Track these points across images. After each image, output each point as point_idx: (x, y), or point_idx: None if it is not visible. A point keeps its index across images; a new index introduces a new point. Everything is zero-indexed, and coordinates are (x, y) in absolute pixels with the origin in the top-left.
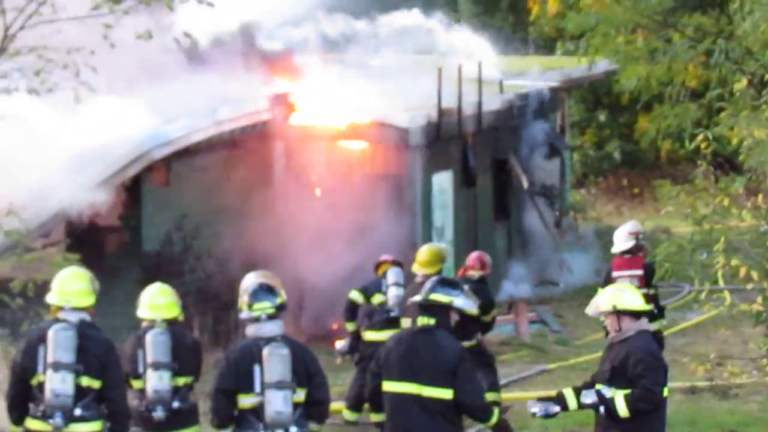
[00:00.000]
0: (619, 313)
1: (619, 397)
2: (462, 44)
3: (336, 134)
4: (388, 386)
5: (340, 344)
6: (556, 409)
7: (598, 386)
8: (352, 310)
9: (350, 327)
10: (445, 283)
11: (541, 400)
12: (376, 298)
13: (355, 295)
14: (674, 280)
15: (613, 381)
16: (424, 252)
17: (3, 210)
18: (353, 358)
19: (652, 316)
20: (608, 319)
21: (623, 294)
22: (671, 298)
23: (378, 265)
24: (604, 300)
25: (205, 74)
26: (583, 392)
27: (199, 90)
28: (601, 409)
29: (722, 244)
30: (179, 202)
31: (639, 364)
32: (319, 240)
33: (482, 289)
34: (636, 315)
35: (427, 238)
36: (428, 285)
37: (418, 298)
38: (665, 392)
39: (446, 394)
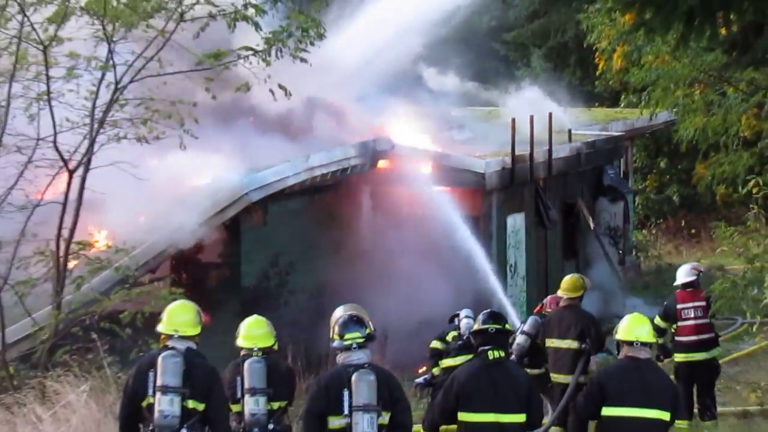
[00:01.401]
0: (618, 343)
1: None
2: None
3: (419, 178)
4: (466, 417)
5: (419, 379)
6: None
7: None
8: (434, 357)
9: (436, 371)
10: (502, 317)
11: None
12: (450, 335)
13: (436, 344)
14: (728, 313)
15: None
16: (567, 280)
17: (113, 248)
18: (428, 392)
19: (710, 345)
20: None
21: (619, 326)
22: (726, 330)
23: (452, 318)
24: None
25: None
26: None
27: (292, 137)
28: None
29: None
30: (275, 240)
31: None
32: (403, 275)
33: None
34: (627, 343)
35: (501, 275)
36: (489, 318)
37: (492, 328)
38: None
39: (521, 418)
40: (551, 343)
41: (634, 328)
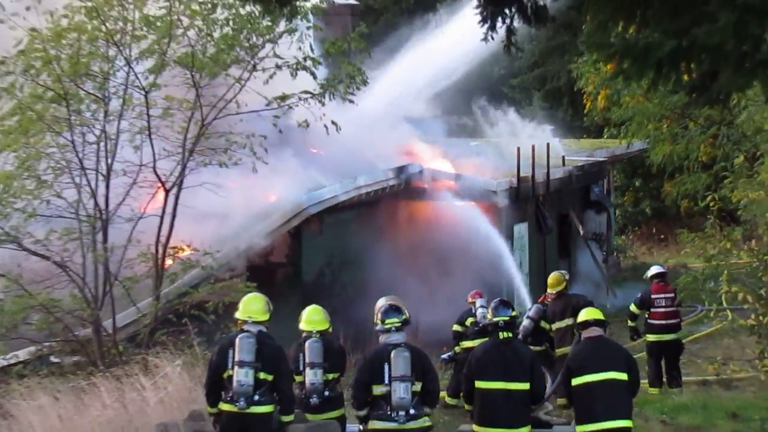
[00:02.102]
0: (577, 326)
1: None
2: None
3: (444, 195)
4: (481, 384)
5: (443, 356)
6: None
7: None
8: (456, 338)
9: (458, 349)
10: (510, 304)
11: None
12: (468, 321)
13: (457, 327)
14: (690, 302)
15: None
16: (551, 278)
17: (201, 251)
18: (451, 366)
19: (676, 328)
20: None
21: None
22: (688, 315)
23: (469, 301)
24: None
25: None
26: None
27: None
28: None
29: (726, 276)
30: (329, 245)
31: None
32: (432, 272)
33: None
34: (583, 325)
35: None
36: (502, 308)
37: (501, 321)
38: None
39: (526, 386)
40: (555, 326)
41: (588, 313)
